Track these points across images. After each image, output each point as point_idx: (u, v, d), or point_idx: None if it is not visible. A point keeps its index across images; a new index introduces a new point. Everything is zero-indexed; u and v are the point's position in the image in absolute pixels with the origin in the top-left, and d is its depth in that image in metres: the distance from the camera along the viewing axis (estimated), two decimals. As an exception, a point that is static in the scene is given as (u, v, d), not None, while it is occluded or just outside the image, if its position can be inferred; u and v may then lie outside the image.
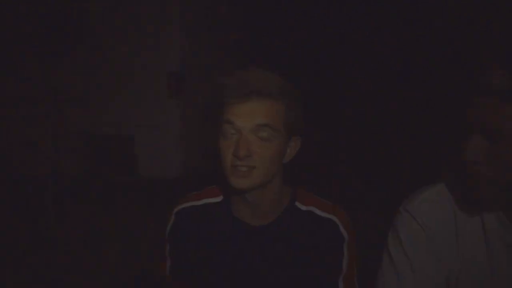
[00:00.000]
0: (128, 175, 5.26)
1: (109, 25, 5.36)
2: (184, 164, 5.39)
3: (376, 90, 5.84)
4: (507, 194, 1.22)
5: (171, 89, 5.29)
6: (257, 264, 1.42)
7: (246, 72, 1.33)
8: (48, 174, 4.57)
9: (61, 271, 3.35)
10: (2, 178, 5.03)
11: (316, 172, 4.85)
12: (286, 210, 1.43)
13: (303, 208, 1.44)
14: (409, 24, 5.63)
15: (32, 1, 5.24)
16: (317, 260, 1.40)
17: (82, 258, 3.55)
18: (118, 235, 3.91)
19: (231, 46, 5.84)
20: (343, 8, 5.87)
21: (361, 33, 5.89)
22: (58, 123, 5.08)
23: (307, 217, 1.42)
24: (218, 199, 1.48)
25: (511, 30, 4.74)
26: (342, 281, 1.40)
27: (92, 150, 5.43)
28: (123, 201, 4.71)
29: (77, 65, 5.41)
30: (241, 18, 5.89)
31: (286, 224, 1.42)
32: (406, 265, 1.34)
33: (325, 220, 1.42)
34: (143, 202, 4.64)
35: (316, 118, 5.42)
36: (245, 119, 1.28)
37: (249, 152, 1.27)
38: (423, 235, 1.33)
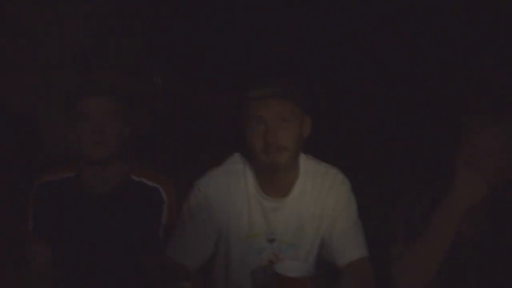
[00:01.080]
0: (32, 155, 5.05)
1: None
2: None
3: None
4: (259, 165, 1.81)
5: (77, 69, 5.11)
6: (98, 227, 1.89)
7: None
8: None
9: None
10: None
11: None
12: (124, 181, 1.94)
13: (136, 179, 1.96)
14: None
15: None
16: (143, 218, 1.91)
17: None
18: None
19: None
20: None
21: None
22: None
23: (139, 186, 1.94)
24: (72, 174, 1.95)
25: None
26: (162, 231, 1.92)
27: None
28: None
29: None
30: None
31: (122, 192, 1.93)
32: (190, 220, 1.84)
33: (151, 188, 1.94)
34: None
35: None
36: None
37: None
38: (206, 202, 1.84)
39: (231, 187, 1.86)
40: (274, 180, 1.83)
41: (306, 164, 1.90)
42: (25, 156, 4.96)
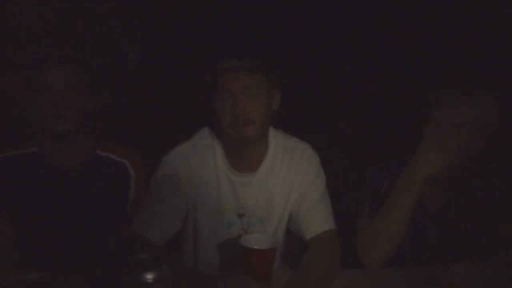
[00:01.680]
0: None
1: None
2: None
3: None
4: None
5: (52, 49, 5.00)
6: (63, 203, 1.83)
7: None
8: None
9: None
10: None
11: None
12: (89, 156, 1.90)
13: (102, 154, 1.92)
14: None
15: None
16: (110, 194, 1.86)
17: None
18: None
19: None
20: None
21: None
22: None
23: (105, 161, 1.90)
24: (34, 149, 1.87)
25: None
26: (130, 206, 1.90)
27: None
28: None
29: None
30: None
31: (88, 168, 1.88)
32: (158, 195, 1.79)
33: (118, 163, 1.91)
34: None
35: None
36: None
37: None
38: (173, 177, 1.80)
39: (200, 162, 1.83)
40: (243, 154, 1.82)
41: (276, 139, 1.88)
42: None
